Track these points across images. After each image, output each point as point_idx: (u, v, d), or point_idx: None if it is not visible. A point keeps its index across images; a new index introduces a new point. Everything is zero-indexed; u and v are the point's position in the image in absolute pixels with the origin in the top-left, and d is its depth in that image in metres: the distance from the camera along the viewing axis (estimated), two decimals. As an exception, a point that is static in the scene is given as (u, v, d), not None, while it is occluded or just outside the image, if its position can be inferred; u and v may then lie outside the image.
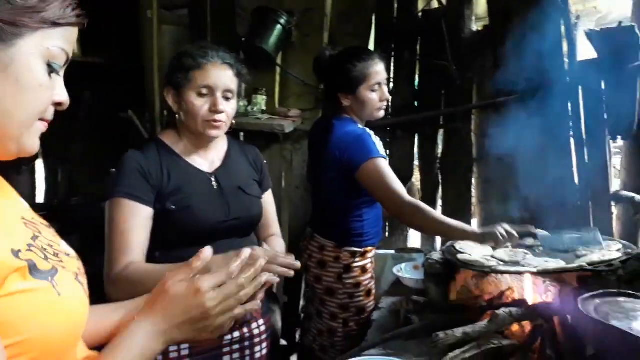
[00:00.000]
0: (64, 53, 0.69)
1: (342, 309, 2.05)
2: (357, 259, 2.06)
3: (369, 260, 2.12)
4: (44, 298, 0.66)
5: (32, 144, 0.69)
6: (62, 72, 0.71)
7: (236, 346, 1.48)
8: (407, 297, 1.85)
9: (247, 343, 1.51)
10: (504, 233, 1.72)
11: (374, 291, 2.14)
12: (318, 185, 2.16)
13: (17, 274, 0.63)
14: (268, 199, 1.68)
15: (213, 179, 1.52)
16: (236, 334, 1.48)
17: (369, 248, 2.11)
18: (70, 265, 0.75)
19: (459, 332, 1.38)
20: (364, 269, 2.09)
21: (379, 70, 2.01)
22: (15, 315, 0.63)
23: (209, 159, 1.55)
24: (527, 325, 1.57)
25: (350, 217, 2.04)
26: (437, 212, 1.89)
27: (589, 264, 1.58)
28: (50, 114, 0.70)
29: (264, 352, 1.56)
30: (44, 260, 0.68)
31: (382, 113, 2.07)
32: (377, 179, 1.89)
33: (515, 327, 1.56)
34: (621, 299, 1.14)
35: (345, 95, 2.01)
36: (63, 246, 0.79)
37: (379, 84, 2.00)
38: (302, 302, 2.58)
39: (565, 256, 1.76)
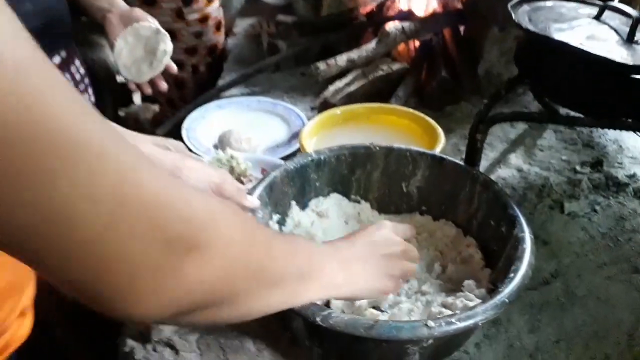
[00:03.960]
0: None
1: (189, 54, 1.58)
2: None
3: None
4: None
5: None
6: None
7: None
8: (270, 18, 1.48)
9: None
10: None
11: (223, 22, 1.67)
12: None
13: None
14: None
15: None
16: None
17: None
18: None
19: (342, 60, 1.08)
20: None
21: None
22: None
23: None
24: (413, 44, 1.32)
25: None
26: None
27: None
28: None
29: None
30: None
31: None
32: None
33: (401, 47, 1.31)
34: (550, 3, 0.88)
35: None
36: None
37: None
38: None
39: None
